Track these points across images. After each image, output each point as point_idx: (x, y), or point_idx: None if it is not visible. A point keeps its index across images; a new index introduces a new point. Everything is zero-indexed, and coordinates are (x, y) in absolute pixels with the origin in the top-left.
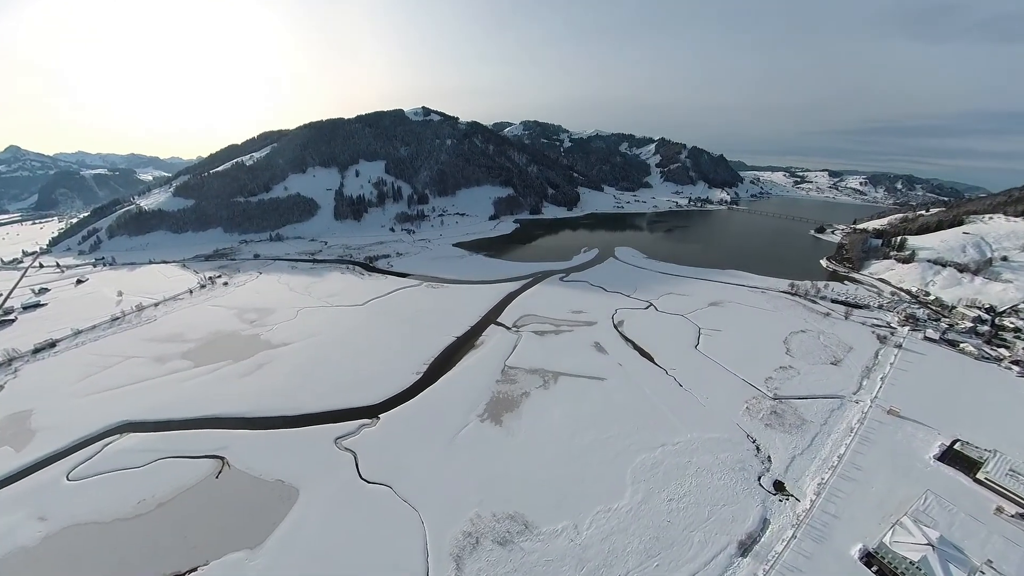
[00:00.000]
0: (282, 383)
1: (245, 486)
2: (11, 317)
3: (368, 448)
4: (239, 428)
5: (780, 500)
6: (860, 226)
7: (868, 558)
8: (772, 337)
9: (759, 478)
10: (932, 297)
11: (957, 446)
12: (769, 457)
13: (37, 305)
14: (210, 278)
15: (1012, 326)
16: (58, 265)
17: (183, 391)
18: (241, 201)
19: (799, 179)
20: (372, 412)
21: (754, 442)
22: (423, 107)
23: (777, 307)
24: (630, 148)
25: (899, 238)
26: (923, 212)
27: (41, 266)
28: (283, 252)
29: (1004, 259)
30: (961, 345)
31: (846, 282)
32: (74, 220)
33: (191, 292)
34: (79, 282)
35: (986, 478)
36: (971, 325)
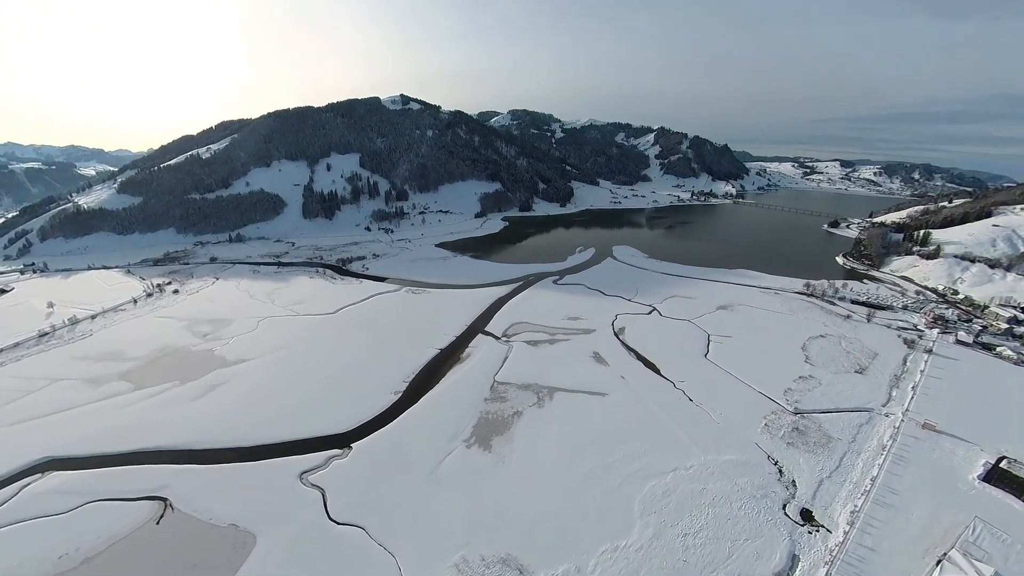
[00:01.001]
0: (238, 407)
1: (191, 533)
2: None
3: (338, 483)
4: (185, 463)
5: (809, 532)
6: (877, 219)
7: None
8: (789, 343)
9: (784, 506)
10: (961, 296)
11: (1004, 464)
12: (794, 481)
13: None
14: (158, 285)
15: None
16: None
17: (120, 419)
18: (196, 198)
19: (808, 170)
20: (343, 440)
21: (776, 464)
22: (401, 95)
23: (792, 309)
24: (627, 138)
25: (922, 232)
26: (946, 203)
27: None
28: (244, 255)
29: None
30: (998, 349)
31: (866, 281)
32: (0, 221)
33: (135, 302)
34: (2, 292)
35: None
36: (1007, 326)
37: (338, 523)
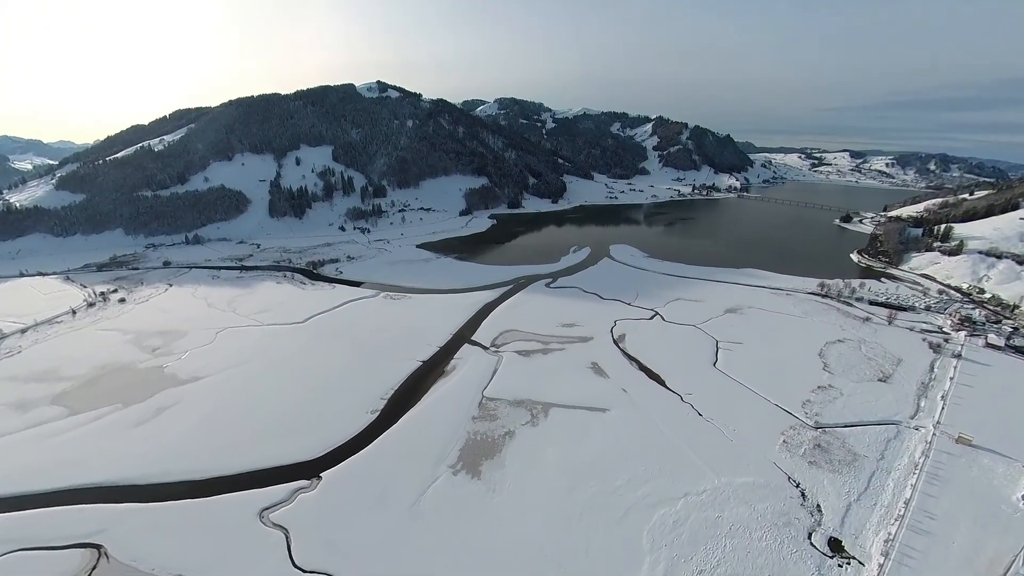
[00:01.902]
0: (189, 433)
1: None
2: None
3: (305, 521)
4: (125, 501)
5: (839, 565)
6: (893, 213)
7: None
8: (805, 349)
9: (810, 535)
10: (988, 295)
11: None
12: (819, 506)
13: None
14: (101, 294)
15: None
16: None
17: (50, 451)
18: (148, 195)
19: (816, 161)
20: (312, 469)
21: (798, 486)
22: (378, 81)
23: (806, 312)
24: (623, 129)
25: (942, 226)
26: (967, 196)
27: None
28: (202, 258)
29: None
30: None
31: (884, 279)
32: None
33: (74, 313)
34: None
35: None
36: None
37: (304, 571)
